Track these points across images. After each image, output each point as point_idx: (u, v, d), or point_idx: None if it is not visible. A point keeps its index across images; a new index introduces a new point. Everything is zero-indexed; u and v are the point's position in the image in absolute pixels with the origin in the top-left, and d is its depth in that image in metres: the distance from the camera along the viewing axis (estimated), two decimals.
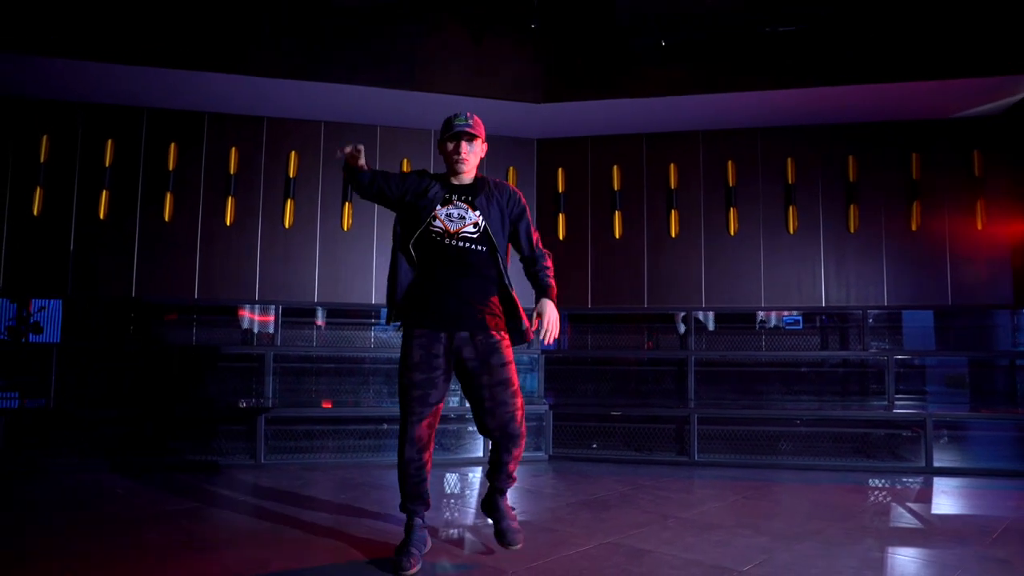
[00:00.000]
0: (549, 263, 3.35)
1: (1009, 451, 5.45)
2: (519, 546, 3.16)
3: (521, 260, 3.38)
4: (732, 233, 7.19)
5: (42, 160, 6.48)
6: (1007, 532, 3.60)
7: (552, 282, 3.29)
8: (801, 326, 7.02)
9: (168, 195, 6.74)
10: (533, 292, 3.38)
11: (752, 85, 6.27)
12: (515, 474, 3.30)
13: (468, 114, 3.25)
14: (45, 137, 6.51)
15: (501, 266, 3.20)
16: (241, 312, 6.72)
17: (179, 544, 3.36)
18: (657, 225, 7.32)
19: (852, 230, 6.98)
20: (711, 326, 7.00)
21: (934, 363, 6.66)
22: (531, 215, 3.45)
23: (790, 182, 7.13)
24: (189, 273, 6.74)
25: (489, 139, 7.33)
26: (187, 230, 6.76)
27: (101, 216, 6.57)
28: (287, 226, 7.00)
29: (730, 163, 7.25)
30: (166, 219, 6.72)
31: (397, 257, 3.23)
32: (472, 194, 3.20)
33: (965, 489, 4.70)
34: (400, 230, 3.24)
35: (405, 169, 7.27)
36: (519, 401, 3.16)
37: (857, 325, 6.70)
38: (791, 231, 7.09)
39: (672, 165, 7.33)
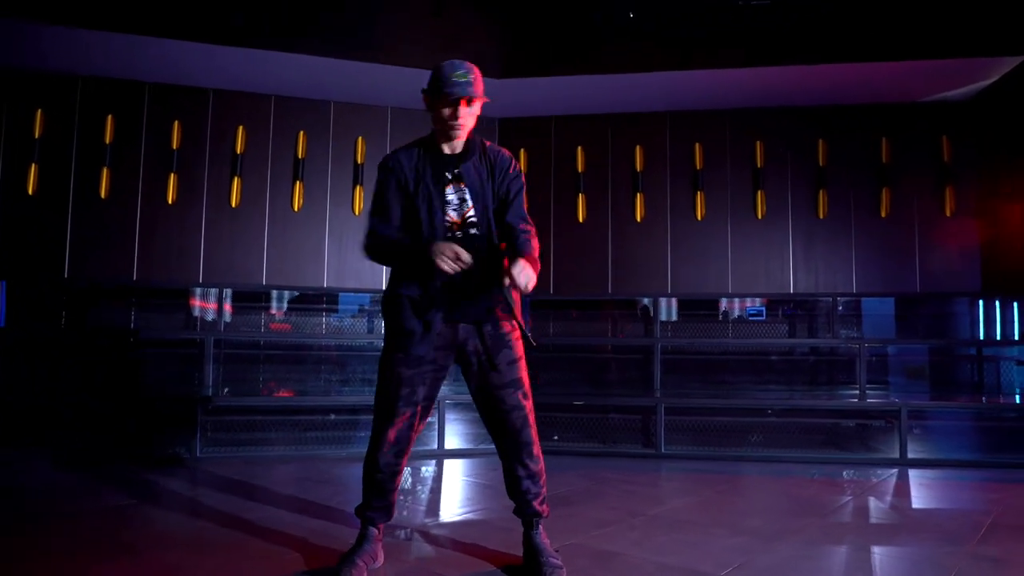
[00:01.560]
0: (534, 237, 2.74)
1: (979, 440, 5.33)
2: None
3: (498, 226, 2.77)
4: (699, 218, 6.98)
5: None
6: (994, 528, 3.42)
7: (534, 250, 2.67)
8: (764, 317, 6.84)
9: (105, 170, 6.29)
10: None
11: (722, 62, 6.04)
12: (545, 497, 2.88)
13: (468, 66, 2.67)
14: None
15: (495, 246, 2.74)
16: (192, 301, 6.30)
17: (108, 543, 3.02)
18: (622, 209, 7.09)
19: (821, 216, 6.82)
20: (674, 315, 6.79)
21: (894, 352, 6.54)
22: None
23: (759, 166, 6.94)
24: (127, 254, 6.31)
25: None
26: (125, 208, 6.32)
27: (30, 192, 6.10)
28: (234, 205, 6.60)
29: (697, 146, 7.02)
30: (102, 196, 6.28)
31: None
32: (462, 165, 2.72)
33: (942, 481, 4.55)
34: (399, 222, 2.73)
35: (360, 148, 6.93)
36: (530, 404, 2.78)
37: (824, 313, 6.54)
38: (759, 216, 6.90)
39: (638, 147, 7.09)
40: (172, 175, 6.45)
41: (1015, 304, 6.21)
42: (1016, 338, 6.13)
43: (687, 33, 5.98)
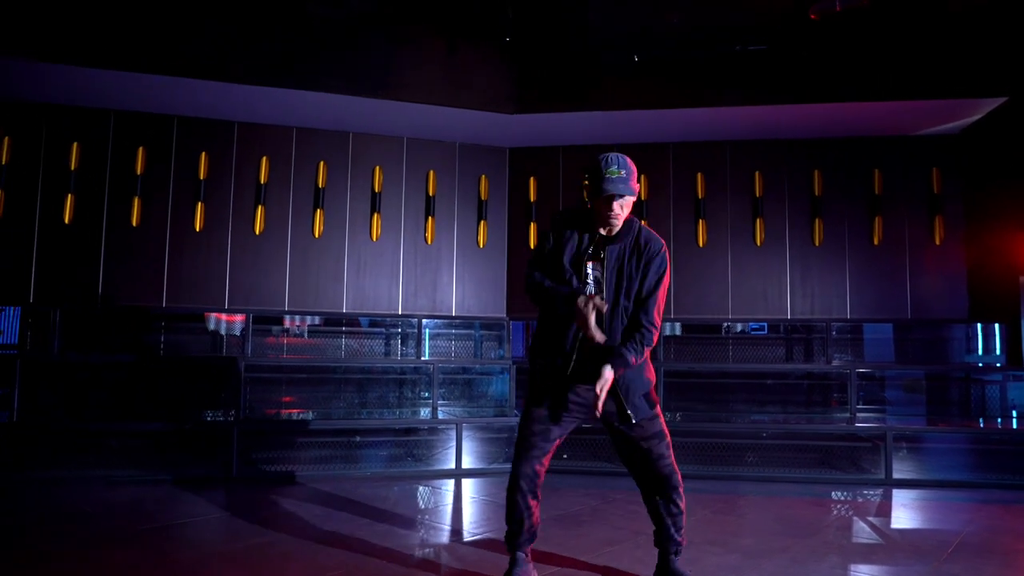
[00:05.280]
0: (647, 341, 2.98)
1: (963, 461, 5.65)
2: None
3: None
4: (701, 244, 7.31)
5: (3, 162, 6.34)
6: (961, 547, 3.74)
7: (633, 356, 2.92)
8: (766, 331, 7.16)
9: (136, 200, 6.65)
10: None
11: (721, 101, 6.38)
12: (685, 531, 3.16)
13: (623, 160, 2.94)
14: (7, 139, 6.37)
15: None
16: (217, 316, 6.64)
17: (150, 566, 3.35)
18: None
19: (817, 243, 7.14)
20: (678, 330, 7.11)
21: (893, 374, 6.82)
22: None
23: (757, 195, 7.27)
24: (157, 280, 6.66)
25: (462, 147, 7.47)
26: (155, 236, 6.68)
27: (66, 221, 6.45)
28: (258, 233, 6.95)
29: (699, 175, 7.36)
30: (134, 224, 6.63)
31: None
32: (608, 248, 3.00)
33: (923, 501, 4.86)
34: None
35: (377, 176, 7.26)
36: (672, 452, 3.09)
37: (821, 337, 6.85)
38: (758, 243, 7.23)
39: (643, 177, 7.42)
40: (199, 204, 6.80)
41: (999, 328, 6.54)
42: (1001, 363, 6.45)
43: (688, 74, 6.32)
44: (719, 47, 6.13)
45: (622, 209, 2.94)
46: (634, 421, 2.98)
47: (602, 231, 3.01)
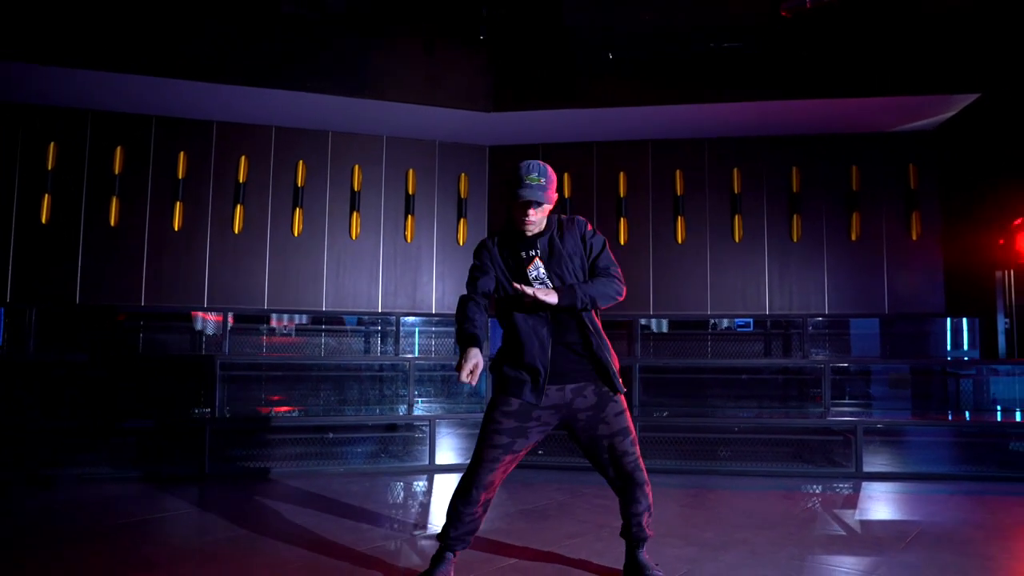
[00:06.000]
0: (613, 280, 3.05)
1: (939, 454, 5.66)
2: None
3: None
4: (680, 241, 7.34)
5: None
6: (920, 537, 3.76)
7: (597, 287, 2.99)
8: (751, 328, 7.18)
9: (114, 199, 6.67)
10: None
11: (698, 98, 6.41)
12: (650, 524, 3.17)
13: (542, 168, 2.95)
14: None
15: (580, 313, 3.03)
16: (200, 315, 6.66)
17: (116, 562, 3.36)
18: (606, 232, 7.41)
19: (795, 239, 7.17)
20: (665, 327, 7.14)
21: (878, 368, 6.82)
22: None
23: (736, 192, 7.30)
24: (136, 279, 6.69)
25: (442, 146, 7.49)
26: (134, 236, 6.70)
27: (43, 221, 6.47)
28: (236, 232, 6.97)
29: (678, 172, 7.39)
30: (112, 224, 6.65)
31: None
32: (539, 242, 3.03)
33: (892, 494, 4.88)
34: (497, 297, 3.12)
35: (357, 175, 7.29)
36: (638, 449, 3.08)
37: (799, 333, 6.87)
38: (737, 240, 7.26)
39: (622, 173, 7.46)
40: (178, 203, 6.83)
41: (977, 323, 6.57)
42: (976, 357, 6.48)
43: (664, 71, 6.35)
44: (693, 46, 6.15)
45: (536, 216, 2.97)
46: (623, 391, 3.04)
47: (527, 234, 3.04)
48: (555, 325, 3.00)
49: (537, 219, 2.99)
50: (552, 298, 2.86)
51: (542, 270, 3.01)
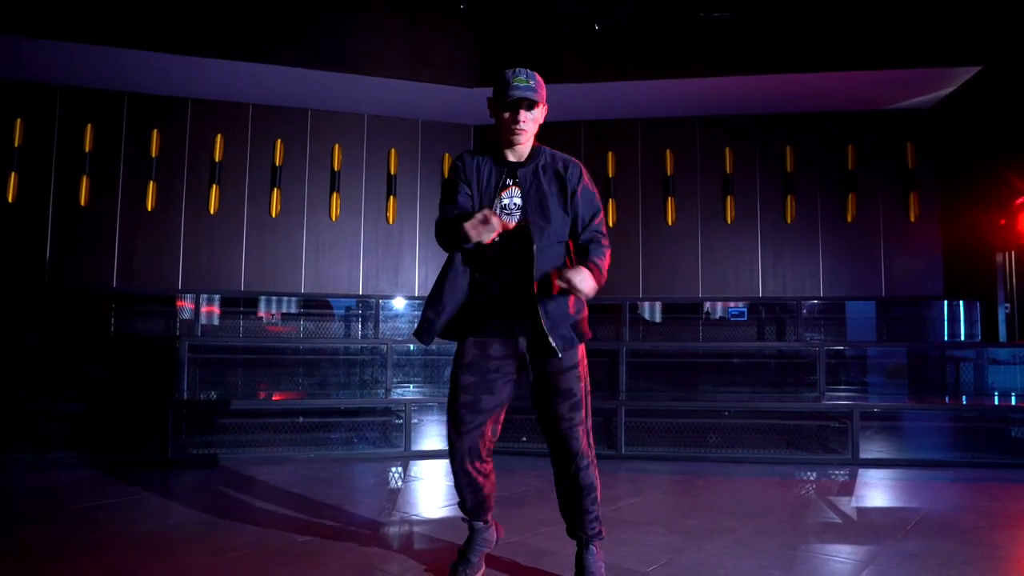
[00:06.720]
0: (606, 250, 2.74)
1: (938, 441, 5.45)
2: None
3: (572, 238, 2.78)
4: (670, 223, 7.11)
5: None
6: (920, 525, 3.54)
7: (601, 260, 2.68)
8: (746, 317, 6.94)
9: (84, 178, 6.43)
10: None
11: (687, 72, 6.18)
12: (595, 517, 2.79)
13: (531, 72, 2.62)
14: None
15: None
16: (180, 303, 6.41)
17: (71, 546, 3.15)
18: None
19: (789, 220, 6.95)
20: (658, 316, 6.90)
21: (875, 353, 6.59)
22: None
23: (728, 172, 7.08)
24: (107, 261, 6.46)
25: (425, 124, 7.24)
26: (105, 216, 6.46)
27: (10, 200, 6.23)
28: (212, 212, 6.74)
29: (668, 152, 7.16)
30: (82, 203, 6.42)
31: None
32: (521, 171, 2.66)
33: (889, 480, 4.67)
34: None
35: (337, 155, 7.06)
36: (586, 418, 2.75)
37: (793, 316, 6.65)
38: (729, 221, 7.04)
39: (611, 154, 7.23)
40: (151, 183, 6.59)
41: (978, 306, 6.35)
42: (978, 339, 6.27)
43: (652, 45, 6.11)
44: (682, 16, 5.92)
45: (528, 123, 2.62)
46: (560, 355, 2.66)
47: (509, 155, 2.68)
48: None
49: (529, 128, 2.63)
50: (587, 285, 2.50)
51: (516, 200, 2.64)
